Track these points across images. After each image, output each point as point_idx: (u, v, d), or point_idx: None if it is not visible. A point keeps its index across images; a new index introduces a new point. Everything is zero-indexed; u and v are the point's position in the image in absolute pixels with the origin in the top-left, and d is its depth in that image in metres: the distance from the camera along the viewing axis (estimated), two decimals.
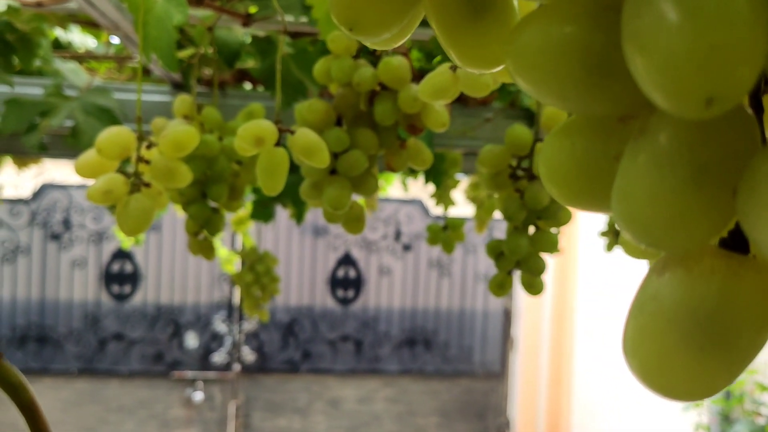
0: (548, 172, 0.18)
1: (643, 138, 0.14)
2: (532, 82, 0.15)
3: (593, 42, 0.14)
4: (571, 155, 0.17)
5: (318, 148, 0.43)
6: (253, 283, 1.32)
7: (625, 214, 0.15)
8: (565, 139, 0.18)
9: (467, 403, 4.49)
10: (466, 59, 0.19)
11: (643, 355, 0.15)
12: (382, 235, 4.37)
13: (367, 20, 0.18)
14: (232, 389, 4.19)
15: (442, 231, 1.04)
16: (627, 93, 0.15)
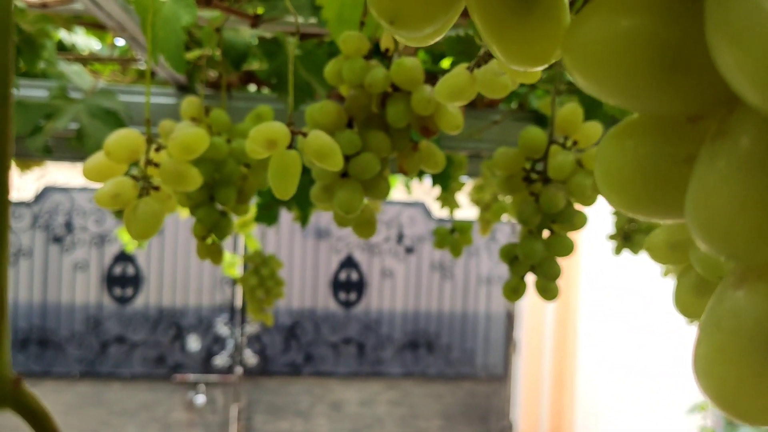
0: (607, 177, 0.16)
1: (722, 140, 0.13)
2: (594, 79, 0.14)
3: (668, 33, 0.13)
4: (633, 158, 0.16)
5: (332, 151, 0.42)
6: (258, 287, 1.31)
7: (704, 224, 0.14)
8: (626, 140, 0.16)
9: (470, 406, 4.49)
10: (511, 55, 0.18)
11: (721, 378, 0.14)
12: (384, 237, 4.37)
13: (411, 12, 0.17)
14: (234, 392, 4.19)
15: (450, 234, 1.03)
16: (702, 90, 0.14)
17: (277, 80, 0.75)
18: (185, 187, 0.47)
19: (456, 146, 1.09)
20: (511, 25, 0.17)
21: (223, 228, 0.57)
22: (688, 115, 0.15)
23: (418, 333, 4.43)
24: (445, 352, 4.45)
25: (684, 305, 0.30)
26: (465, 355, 4.48)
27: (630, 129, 0.17)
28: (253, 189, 0.59)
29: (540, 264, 0.51)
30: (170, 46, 0.53)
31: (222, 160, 0.55)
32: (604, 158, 0.16)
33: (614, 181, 0.16)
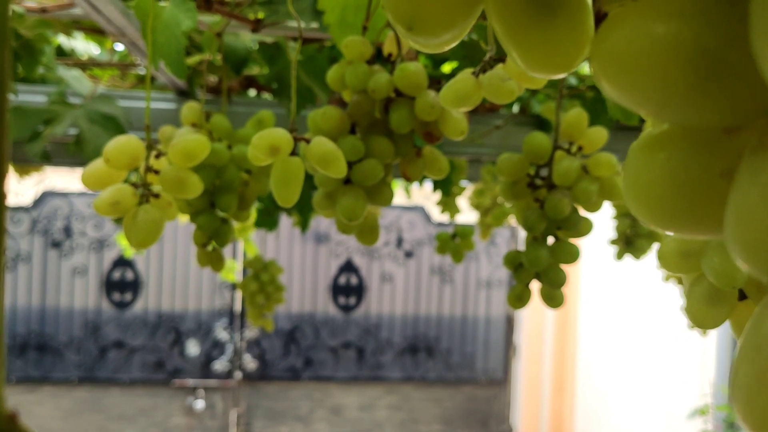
0: (635, 191, 0.16)
1: (765, 153, 0.13)
2: (625, 89, 0.14)
3: (706, 39, 0.12)
4: (665, 171, 0.15)
5: (335, 157, 0.42)
6: (258, 292, 1.30)
7: (746, 243, 0.13)
8: (657, 152, 0.16)
9: (470, 410, 4.48)
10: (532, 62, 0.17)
11: (763, 407, 0.13)
12: (383, 241, 4.37)
13: (429, 18, 0.16)
14: (233, 397, 4.18)
15: (451, 240, 1.02)
16: (741, 100, 0.13)
17: (278, 85, 0.75)
18: (186, 194, 0.46)
19: (457, 151, 1.09)
20: (533, 30, 0.16)
21: (223, 235, 0.56)
22: (725, 126, 0.14)
23: (418, 337, 4.42)
24: (444, 357, 4.44)
25: (696, 315, 0.29)
26: (465, 360, 4.47)
27: (661, 140, 0.16)
28: (254, 195, 0.58)
29: (545, 271, 0.50)
30: (171, 51, 0.52)
31: (223, 166, 0.55)
32: (632, 171, 0.16)
33: (643, 196, 0.15)
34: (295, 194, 0.42)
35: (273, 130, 0.41)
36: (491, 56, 0.39)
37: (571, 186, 0.50)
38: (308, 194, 0.81)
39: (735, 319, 0.29)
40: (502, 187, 0.53)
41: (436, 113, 0.45)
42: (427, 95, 0.46)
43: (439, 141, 0.48)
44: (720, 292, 0.28)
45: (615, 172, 0.51)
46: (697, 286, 0.29)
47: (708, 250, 0.28)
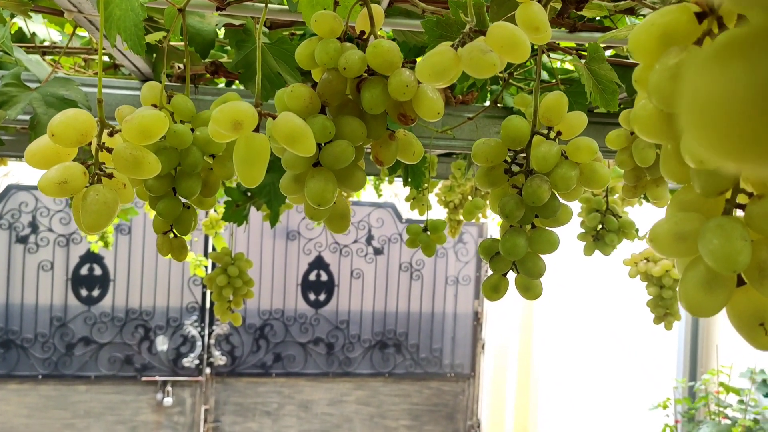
0: (704, 113, 0.12)
1: None
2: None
3: None
4: (748, 83, 0.12)
5: (303, 134, 0.39)
6: (225, 286, 1.27)
7: None
8: (735, 61, 0.12)
9: (437, 404, 4.49)
10: None
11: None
12: (353, 238, 4.36)
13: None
14: (202, 393, 4.14)
15: (422, 233, 1.00)
16: None
17: (245, 70, 0.72)
18: (141, 174, 0.43)
19: (429, 144, 1.06)
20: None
21: (186, 222, 0.53)
22: None
23: (387, 333, 4.43)
24: (413, 352, 4.45)
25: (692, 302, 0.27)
26: (433, 355, 4.49)
27: (739, 46, 0.12)
28: (218, 181, 0.55)
29: (522, 261, 0.48)
30: (128, 25, 0.49)
31: (185, 149, 0.51)
32: (698, 88, 0.12)
33: (716, 118, 0.12)
34: (260, 174, 0.39)
35: (236, 103, 0.38)
36: (471, 28, 0.37)
37: (549, 172, 0.48)
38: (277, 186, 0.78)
39: (733, 306, 0.27)
40: (479, 174, 0.50)
41: (410, 93, 0.43)
42: (401, 73, 0.43)
43: (413, 122, 0.45)
44: (718, 277, 0.26)
45: (595, 157, 0.49)
46: (693, 270, 0.27)
47: (706, 232, 0.26)
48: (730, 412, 2.83)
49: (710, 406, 2.90)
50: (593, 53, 0.61)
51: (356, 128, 0.44)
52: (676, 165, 0.29)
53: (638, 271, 1.39)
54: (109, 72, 1.17)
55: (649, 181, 0.68)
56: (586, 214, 1.26)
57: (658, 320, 1.34)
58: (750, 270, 0.26)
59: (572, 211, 0.50)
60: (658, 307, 1.34)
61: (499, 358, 4.56)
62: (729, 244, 0.25)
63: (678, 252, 0.27)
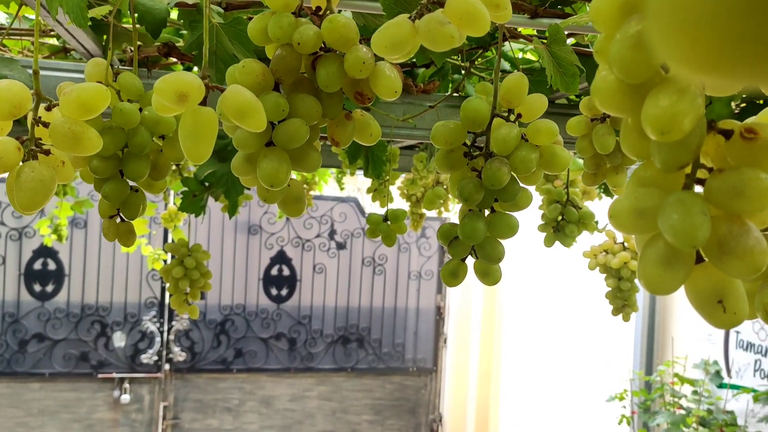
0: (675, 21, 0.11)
1: None
2: None
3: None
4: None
5: (253, 108, 0.37)
6: (182, 278, 1.24)
7: None
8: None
9: (400, 399, 4.50)
10: None
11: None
12: (316, 233, 4.34)
13: None
14: (161, 390, 4.09)
15: (383, 222, 0.99)
16: None
17: (199, 52, 0.69)
18: (81, 151, 0.41)
19: (390, 133, 1.05)
20: None
21: (134, 206, 0.51)
22: None
23: (349, 328, 4.43)
24: (375, 347, 4.46)
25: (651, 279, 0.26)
26: (395, 350, 4.50)
27: None
28: (168, 163, 0.53)
29: (481, 245, 0.47)
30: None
31: (132, 129, 0.49)
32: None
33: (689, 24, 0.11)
34: (207, 150, 0.37)
35: (181, 73, 0.36)
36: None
37: (509, 155, 0.47)
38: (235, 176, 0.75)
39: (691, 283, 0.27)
40: (438, 157, 0.49)
41: (367, 70, 0.42)
42: (358, 50, 0.42)
43: (370, 101, 0.44)
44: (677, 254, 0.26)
45: (555, 140, 0.48)
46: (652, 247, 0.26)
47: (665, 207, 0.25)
48: (685, 403, 2.89)
49: (665, 397, 2.95)
50: (554, 35, 0.60)
51: (311, 106, 0.43)
52: (637, 140, 0.28)
53: (597, 263, 1.40)
54: (59, 56, 1.13)
55: (609, 168, 0.68)
56: (547, 206, 1.27)
57: (617, 311, 1.36)
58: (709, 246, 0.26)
59: (532, 195, 0.49)
60: (616, 298, 1.36)
61: (461, 353, 4.59)
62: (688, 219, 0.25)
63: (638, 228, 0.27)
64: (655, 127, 0.25)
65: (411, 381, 4.55)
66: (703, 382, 2.86)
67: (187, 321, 4.12)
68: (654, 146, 0.27)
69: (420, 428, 4.56)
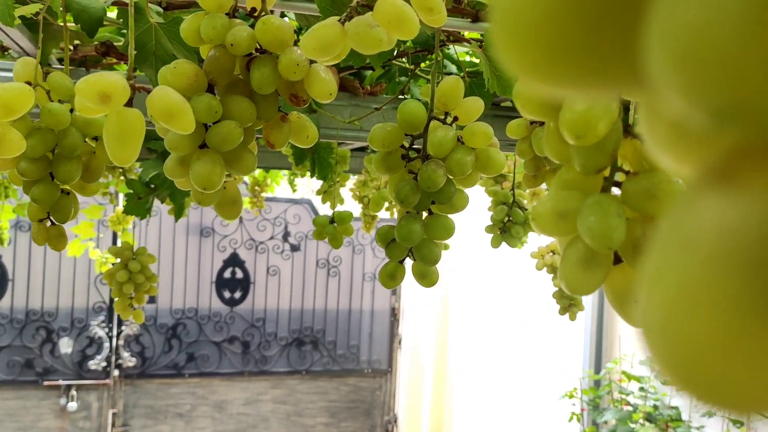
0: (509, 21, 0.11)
1: None
2: None
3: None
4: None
5: (180, 110, 0.37)
6: (126, 282, 1.21)
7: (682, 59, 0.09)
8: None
9: (355, 401, 4.50)
10: None
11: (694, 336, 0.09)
12: (269, 235, 4.31)
13: None
14: (110, 396, 4.00)
15: (329, 224, 0.99)
16: None
17: (138, 52, 0.68)
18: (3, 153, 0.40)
19: (336, 135, 1.05)
20: None
21: (64, 209, 0.50)
22: None
23: (304, 330, 4.41)
24: (330, 349, 4.45)
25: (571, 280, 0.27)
26: (350, 351, 4.50)
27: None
28: (101, 165, 0.52)
29: (418, 247, 0.48)
30: None
31: (63, 130, 0.48)
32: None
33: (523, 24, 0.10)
34: (133, 152, 0.36)
35: (104, 74, 0.35)
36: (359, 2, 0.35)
37: (445, 157, 0.47)
38: None
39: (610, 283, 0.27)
40: (376, 159, 0.50)
41: (301, 72, 0.41)
42: (292, 52, 0.41)
43: (305, 104, 0.44)
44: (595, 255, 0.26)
45: (491, 143, 0.49)
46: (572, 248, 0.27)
47: (583, 209, 0.26)
48: (632, 399, 2.96)
49: (613, 394, 3.02)
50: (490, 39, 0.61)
51: (245, 108, 0.42)
52: (558, 143, 0.29)
53: (544, 263, 1.42)
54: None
55: (548, 170, 0.69)
56: (494, 207, 1.28)
57: (563, 311, 1.38)
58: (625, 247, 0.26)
59: (468, 197, 0.49)
60: (563, 298, 1.38)
61: (415, 353, 4.61)
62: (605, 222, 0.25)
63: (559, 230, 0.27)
64: (571, 131, 0.25)
65: (366, 382, 4.55)
66: (649, 379, 2.93)
67: (137, 326, 4.05)
68: (573, 149, 0.28)
69: (375, 429, 4.56)
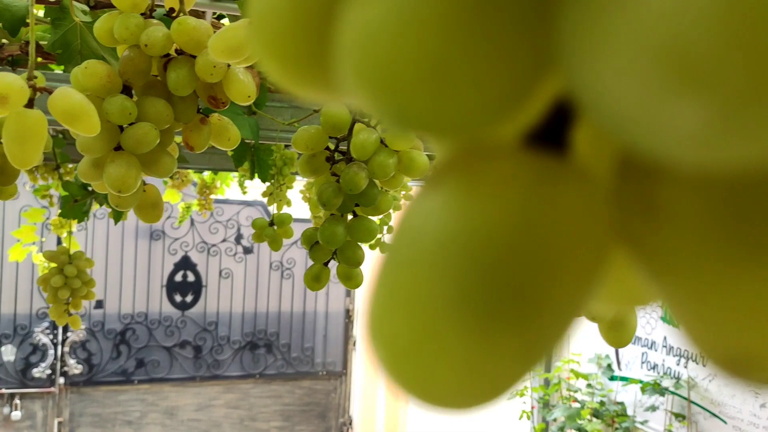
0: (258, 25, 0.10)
1: None
2: None
3: None
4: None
5: (83, 111, 0.36)
6: (62, 287, 1.18)
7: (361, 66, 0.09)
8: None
9: (310, 404, 4.48)
10: None
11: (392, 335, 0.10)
12: (222, 237, 4.26)
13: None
14: (55, 405, 3.90)
15: (269, 226, 0.98)
16: None
17: (63, 51, 0.67)
18: None
19: (276, 137, 1.05)
20: None
21: None
22: None
23: (258, 333, 4.37)
24: (284, 352, 4.42)
25: None
26: (305, 354, 4.48)
27: None
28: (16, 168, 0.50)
29: (342, 249, 0.48)
30: None
31: None
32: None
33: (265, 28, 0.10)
34: (34, 154, 0.36)
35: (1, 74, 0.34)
36: None
37: (368, 159, 0.47)
38: None
39: None
40: (300, 162, 0.49)
41: (219, 74, 0.41)
42: (210, 54, 0.41)
43: (225, 106, 0.43)
44: None
45: (413, 145, 0.49)
46: None
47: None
48: (580, 396, 3.02)
49: (562, 392, 3.07)
50: None
51: (161, 110, 0.42)
52: None
53: None
54: None
55: None
56: None
57: None
58: None
59: (392, 200, 0.49)
60: None
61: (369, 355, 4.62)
62: None
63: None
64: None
65: (321, 385, 4.54)
66: (596, 376, 2.99)
67: (84, 332, 3.96)
68: None
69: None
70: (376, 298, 0.10)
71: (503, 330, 0.10)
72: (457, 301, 0.09)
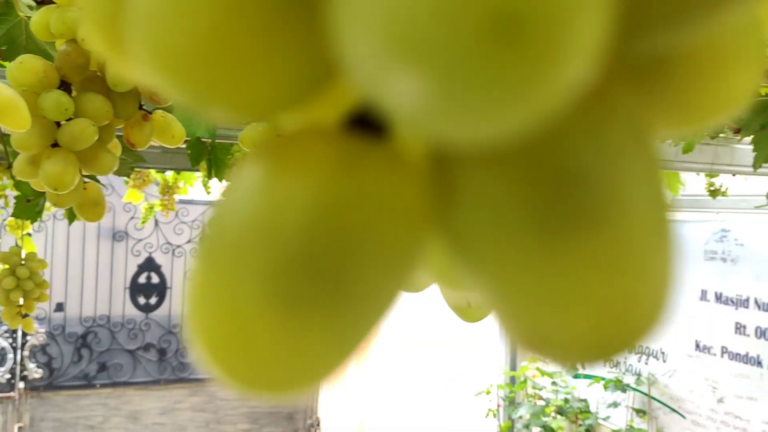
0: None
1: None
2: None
3: None
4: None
5: (12, 106, 0.35)
6: (14, 290, 1.15)
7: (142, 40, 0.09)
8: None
9: (277, 406, 4.46)
10: None
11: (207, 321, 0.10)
12: (187, 238, 4.22)
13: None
14: (14, 410, 3.83)
15: None
16: None
17: (8, 47, 0.65)
18: None
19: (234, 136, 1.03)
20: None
21: None
22: None
23: None
24: None
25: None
26: None
27: None
28: None
29: None
30: None
31: None
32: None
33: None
34: None
35: None
36: None
37: None
38: None
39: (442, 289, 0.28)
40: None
41: None
42: None
43: (167, 103, 0.43)
44: None
45: None
46: None
47: None
48: (545, 394, 3.06)
49: (528, 390, 3.11)
50: None
51: (100, 106, 0.41)
52: None
53: None
54: None
55: None
56: None
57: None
58: None
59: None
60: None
61: None
62: None
63: None
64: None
65: None
66: (560, 374, 3.03)
67: (44, 335, 3.89)
68: None
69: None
70: (193, 285, 0.10)
71: (312, 314, 0.10)
72: (262, 286, 0.09)
